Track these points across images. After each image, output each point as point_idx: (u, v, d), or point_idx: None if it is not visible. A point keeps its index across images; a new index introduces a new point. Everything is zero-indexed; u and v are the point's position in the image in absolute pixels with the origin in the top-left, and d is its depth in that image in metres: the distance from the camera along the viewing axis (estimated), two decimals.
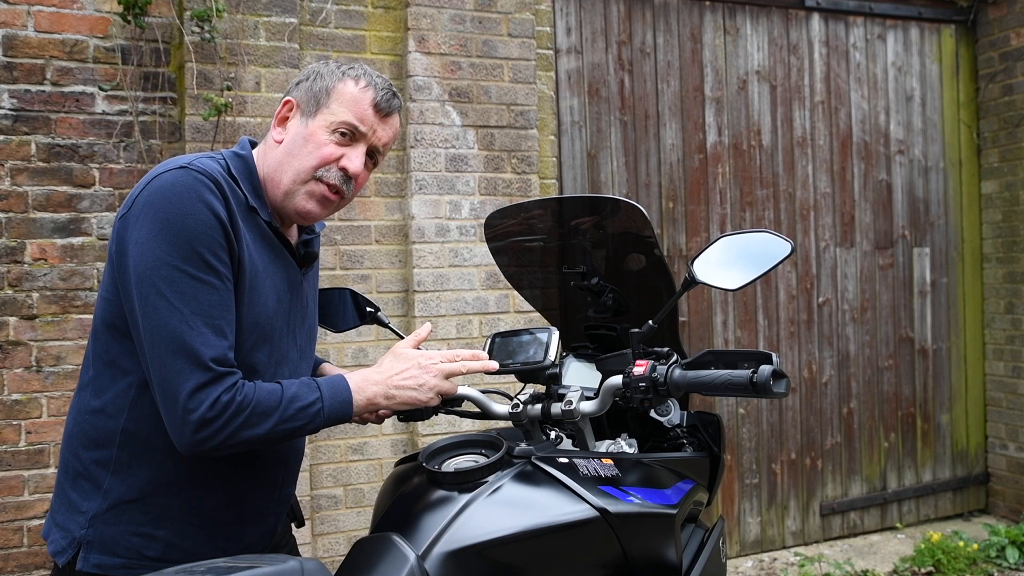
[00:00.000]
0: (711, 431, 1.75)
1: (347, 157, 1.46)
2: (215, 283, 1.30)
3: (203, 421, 1.27)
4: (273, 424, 1.32)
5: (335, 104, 1.45)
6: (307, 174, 1.45)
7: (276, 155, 1.47)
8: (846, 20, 4.37)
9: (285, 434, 1.35)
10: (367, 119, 1.46)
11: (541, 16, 3.63)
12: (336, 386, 1.40)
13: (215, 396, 1.27)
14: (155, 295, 1.28)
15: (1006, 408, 4.62)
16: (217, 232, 1.31)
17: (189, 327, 1.27)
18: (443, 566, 1.25)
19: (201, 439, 1.27)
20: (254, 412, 1.30)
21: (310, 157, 1.44)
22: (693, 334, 4.02)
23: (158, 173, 1.34)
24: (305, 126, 1.46)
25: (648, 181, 3.94)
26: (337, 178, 1.46)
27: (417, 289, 3.28)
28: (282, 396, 1.34)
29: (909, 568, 4.01)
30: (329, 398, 1.38)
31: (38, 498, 2.90)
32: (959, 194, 4.67)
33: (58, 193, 2.96)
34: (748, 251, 1.51)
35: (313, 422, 1.36)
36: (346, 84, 1.46)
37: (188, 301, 1.28)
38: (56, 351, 2.93)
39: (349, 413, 1.41)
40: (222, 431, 1.28)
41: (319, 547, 3.20)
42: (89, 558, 1.36)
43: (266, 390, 1.33)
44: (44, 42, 2.94)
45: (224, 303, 1.32)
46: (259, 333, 1.41)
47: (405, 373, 1.48)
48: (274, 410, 1.32)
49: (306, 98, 1.47)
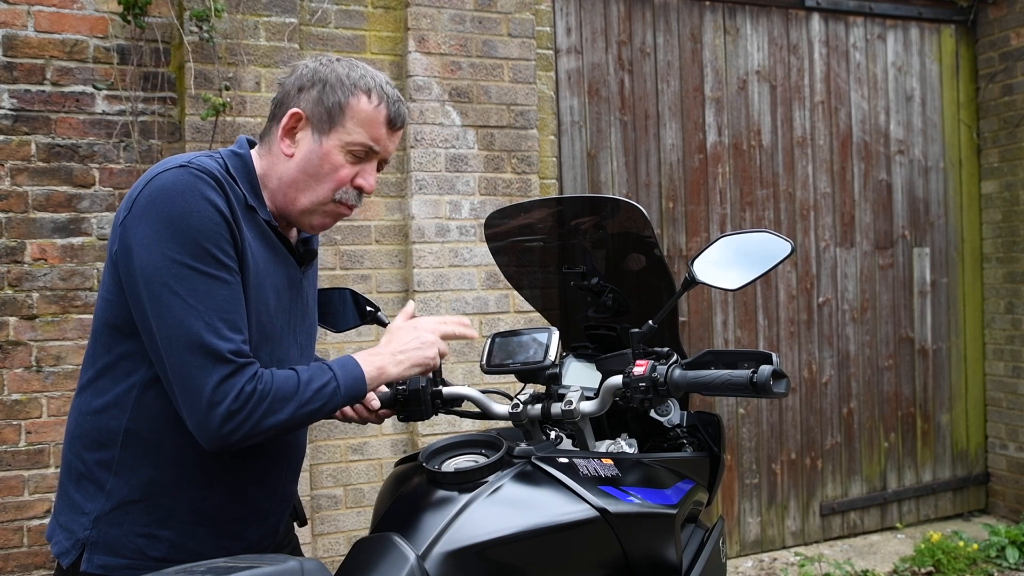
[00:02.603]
0: (711, 431, 1.75)
1: (361, 176, 1.48)
2: (226, 278, 1.31)
3: (229, 413, 1.27)
4: (294, 408, 1.33)
5: (350, 124, 1.44)
6: (326, 197, 1.47)
7: (287, 170, 1.46)
8: (846, 20, 4.37)
9: (306, 417, 1.36)
10: (381, 138, 1.48)
11: (541, 16, 3.63)
12: (346, 364, 1.42)
13: (239, 387, 1.28)
14: (168, 294, 1.28)
15: (1006, 408, 4.62)
16: (222, 227, 1.31)
17: (205, 323, 1.27)
18: (443, 566, 1.25)
19: (229, 431, 1.28)
20: (275, 399, 1.31)
21: (328, 180, 1.45)
22: (693, 334, 4.02)
23: (157, 173, 1.34)
24: (319, 144, 1.44)
25: (648, 181, 3.94)
26: (354, 198, 1.49)
27: (417, 289, 3.28)
28: (299, 380, 1.35)
29: (909, 568, 4.01)
30: (342, 376, 1.39)
31: (38, 498, 2.90)
32: (959, 194, 4.67)
33: (58, 193, 2.96)
34: (748, 251, 1.51)
35: (332, 401, 1.38)
36: (359, 101, 1.44)
37: (201, 297, 1.28)
38: (56, 351, 2.94)
39: (363, 387, 1.42)
40: (248, 420, 1.28)
41: (319, 547, 3.20)
42: (93, 559, 1.36)
43: (283, 376, 1.34)
44: (44, 42, 2.94)
45: (235, 297, 1.32)
46: (260, 332, 1.41)
47: (404, 338, 1.51)
48: (293, 394, 1.33)
49: (317, 112, 1.44)
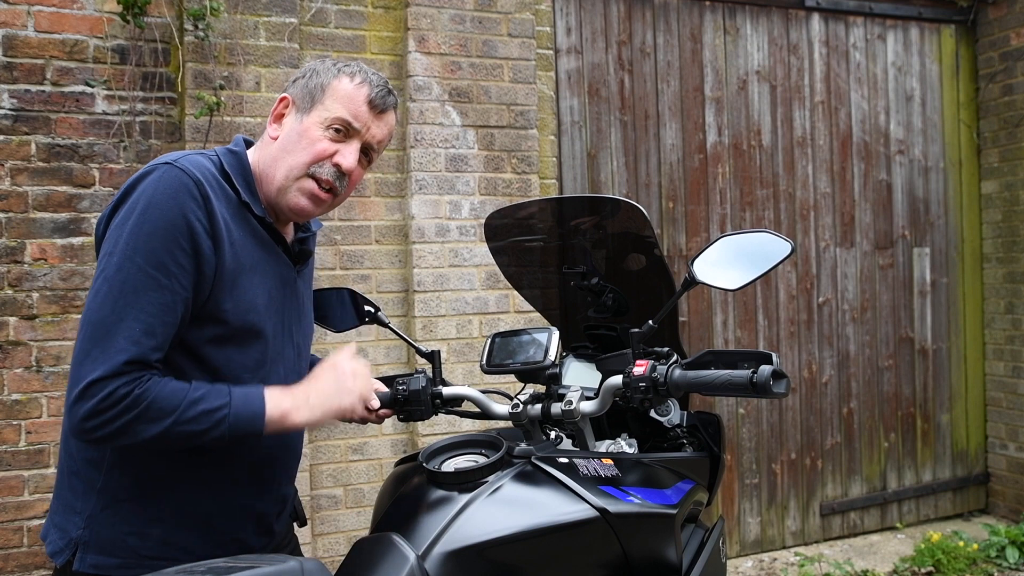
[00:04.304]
0: (711, 431, 1.75)
1: (341, 153, 1.46)
2: (163, 283, 1.29)
3: (94, 411, 1.25)
4: (171, 423, 1.28)
5: (330, 100, 1.46)
6: (300, 170, 1.45)
7: (271, 151, 1.48)
8: (846, 20, 4.37)
9: (184, 436, 1.30)
10: (361, 116, 1.47)
11: (541, 16, 3.63)
12: (249, 395, 1.36)
13: (112, 388, 1.25)
14: (102, 280, 1.29)
15: (1006, 408, 4.61)
16: (182, 234, 1.31)
17: (119, 319, 1.27)
18: (443, 566, 1.25)
19: (90, 428, 1.26)
20: (151, 408, 1.27)
21: (304, 153, 1.45)
22: (693, 334, 4.02)
23: (144, 172, 1.35)
24: (300, 122, 1.46)
25: (648, 181, 3.94)
26: (330, 174, 1.46)
27: (417, 289, 3.28)
28: (185, 397, 1.30)
29: (909, 568, 4.01)
30: (238, 405, 1.33)
31: (38, 498, 2.90)
32: (959, 194, 4.67)
33: (58, 193, 2.96)
34: (748, 251, 1.51)
35: (216, 429, 1.31)
36: (341, 81, 1.47)
37: (128, 294, 1.28)
38: (56, 351, 2.93)
39: (259, 426, 1.35)
40: (113, 422, 1.26)
41: (319, 547, 3.20)
42: (86, 559, 1.36)
43: (171, 388, 1.30)
44: (44, 42, 2.94)
45: (165, 304, 1.30)
46: (249, 331, 1.41)
47: (324, 381, 1.46)
48: (174, 410, 1.29)
49: (301, 95, 1.48)
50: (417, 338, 3.24)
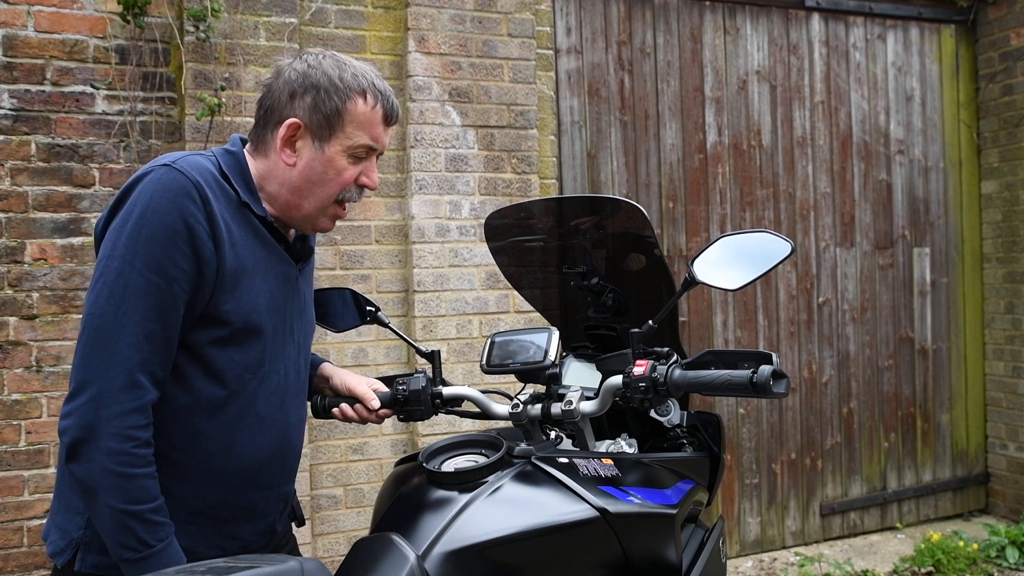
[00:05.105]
0: (711, 431, 1.75)
1: (365, 174, 1.50)
2: (163, 287, 1.30)
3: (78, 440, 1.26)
4: (122, 498, 1.27)
5: (350, 128, 1.44)
6: (330, 200, 1.49)
7: (290, 178, 1.46)
8: (846, 20, 4.37)
9: (112, 523, 1.27)
10: (380, 136, 1.49)
11: (541, 16, 3.63)
12: (174, 559, 1.31)
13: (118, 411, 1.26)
14: (102, 284, 1.30)
15: (1006, 408, 4.61)
16: (182, 237, 1.31)
17: (121, 325, 1.28)
18: (443, 566, 1.25)
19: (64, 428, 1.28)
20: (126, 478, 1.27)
21: (333, 184, 1.47)
22: (693, 334, 4.02)
23: (142, 173, 1.35)
24: (321, 152, 1.44)
25: (648, 181, 3.94)
26: (356, 195, 1.51)
27: (417, 289, 3.28)
28: (149, 501, 1.29)
29: (909, 568, 4.01)
30: (158, 556, 1.29)
31: (38, 498, 2.90)
32: (959, 194, 4.67)
33: (58, 193, 2.96)
34: (748, 251, 1.51)
35: (130, 552, 1.27)
36: (356, 105, 1.44)
37: (129, 299, 1.28)
38: (56, 351, 2.93)
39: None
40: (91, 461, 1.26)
41: (319, 547, 3.20)
42: (87, 559, 1.36)
43: (149, 474, 1.29)
44: (44, 42, 2.94)
45: (166, 308, 1.31)
46: (251, 332, 1.41)
47: None
48: (138, 500, 1.28)
49: (315, 120, 1.43)
50: (417, 338, 3.24)
